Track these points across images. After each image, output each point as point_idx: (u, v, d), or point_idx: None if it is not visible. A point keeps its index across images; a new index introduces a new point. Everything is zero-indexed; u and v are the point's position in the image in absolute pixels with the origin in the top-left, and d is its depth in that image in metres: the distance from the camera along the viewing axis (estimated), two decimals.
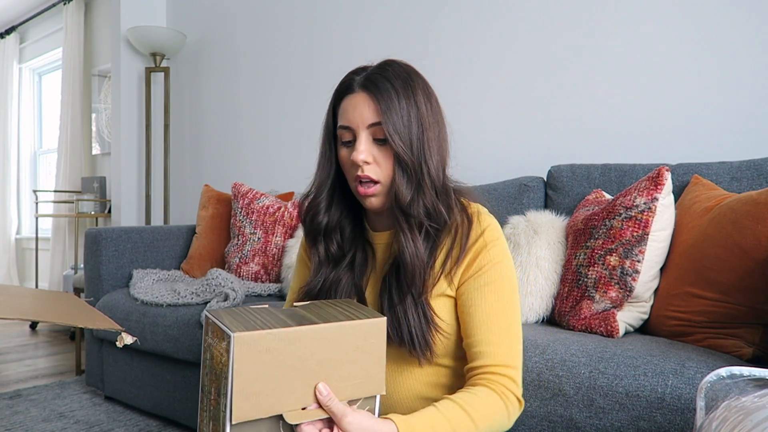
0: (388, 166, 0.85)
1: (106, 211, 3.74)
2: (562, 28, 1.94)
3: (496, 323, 0.84)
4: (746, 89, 1.61)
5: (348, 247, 0.94)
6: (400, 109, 0.83)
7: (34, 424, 1.94)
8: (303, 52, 2.76)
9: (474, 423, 0.77)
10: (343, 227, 0.94)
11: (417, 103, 0.85)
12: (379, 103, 0.83)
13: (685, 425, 0.91)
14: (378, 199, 0.87)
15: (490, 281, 0.86)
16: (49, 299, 0.96)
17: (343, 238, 0.94)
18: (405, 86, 0.85)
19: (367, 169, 0.85)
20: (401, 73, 0.86)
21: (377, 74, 0.86)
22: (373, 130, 0.84)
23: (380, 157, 0.85)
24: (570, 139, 1.92)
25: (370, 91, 0.84)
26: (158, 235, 2.38)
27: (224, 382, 0.64)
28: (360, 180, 0.86)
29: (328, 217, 0.93)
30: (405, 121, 0.83)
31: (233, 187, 2.34)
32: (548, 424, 1.05)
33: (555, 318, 1.40)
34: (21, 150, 5.17)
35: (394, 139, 0.82)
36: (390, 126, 0.82)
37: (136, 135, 3.36)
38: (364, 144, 0.84)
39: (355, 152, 0.84)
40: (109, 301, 2.08)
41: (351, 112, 0.85)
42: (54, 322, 0.76)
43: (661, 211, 1.26)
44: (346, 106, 0.86)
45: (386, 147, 0.85)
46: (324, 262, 0.94)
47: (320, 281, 0.92)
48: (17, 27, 5.11)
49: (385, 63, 0.89)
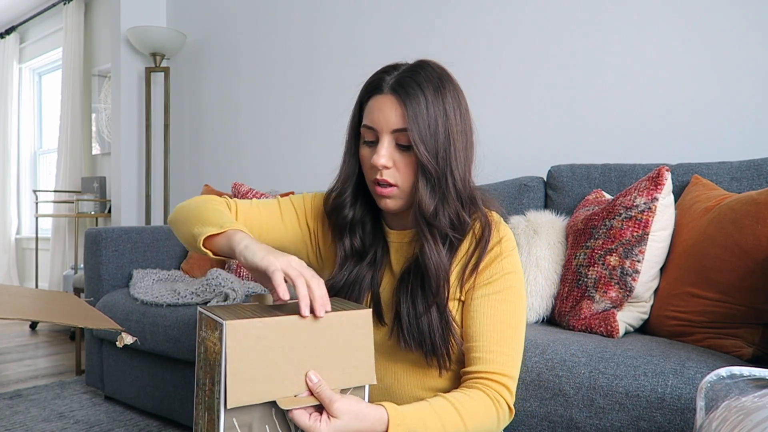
0: (408, 173, 0.84)
1: (106, 211, 3.74)
2: (562, 28, 1.94)
3: (500, 332, 0.84)
4: (746, 89, 1.61)
5: (369, 242, 0.94)
6: (428, 117, 0.81)
7: (34, 424, 1.94)
8: (303, 52, 2.76)
9: (463, 422, 0.77)
10: (364, 222, 0.95)
11: (446, 111, 0.83)
12: (406, 109, 0.81)
13: (685, 425, 0.91)
14: (394, 202, 0.87)
15: (500, 290, 0.86)
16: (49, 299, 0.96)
17: (364, 233, 0.95)
18: (436, 92, 0.82)
19: (386, 173, 0.84)
20: (433, 78, 0.84)
21: (408, 77, 0.83)
22: (397, 135, 0.83)
23: (401, 163, 0.84)
24: (570, 139, 1.92)
25: (399, 95, 0.82)
26: (158, 235, 2.38)
27: (218, 369, 0.67)
28: (378, 182, 0.85)
29: (354, 212, 0.93)
30: (432, 129, 0.81)
31: (233, 187, 2.34)
32: (548, 424, 1.05)
33: (555, 318, 1.40)
34: (21, 150, 5.17)
35: (419, 147, 0.80)
36: (416, 134, 0.80)
37: (136, 135, 3.36)
38: (385, 148, 0.83)
39: (376, 155, 0.83)
40: (109, 301, 2.08)
41: (377, 114, 0.83)
42: (54, 322, 0.76)
43: (661, 211, 1.26)
44: (372, 106, 0.85)
45: (409, 153, 0.83)
46: (349, 257, 0.94)
47: (345, 276, 0.93)
48: (17, 27, 5.11)
49: (418, 65, 0.86)
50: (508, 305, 0.86)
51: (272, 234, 0.98)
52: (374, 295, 0.92)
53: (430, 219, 0.83)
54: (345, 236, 0.94)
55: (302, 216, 1.01)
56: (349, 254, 0.94)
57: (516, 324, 0.86)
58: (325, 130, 2.66)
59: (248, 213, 0.97)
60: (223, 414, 0.66)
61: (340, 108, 2.60)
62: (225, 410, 0.66)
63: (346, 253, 0.94)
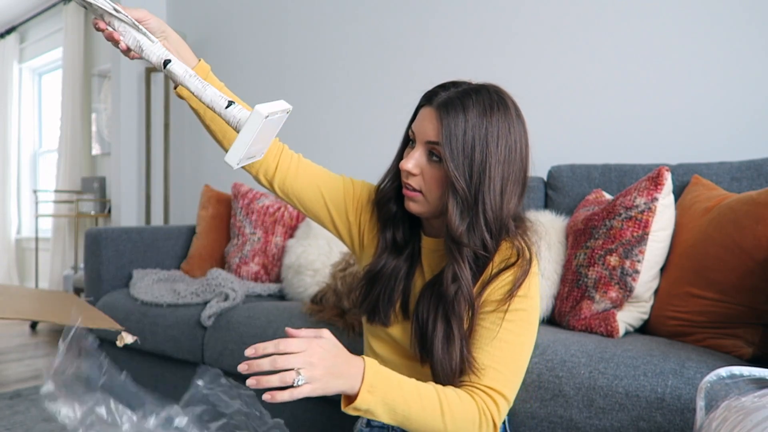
0: (434, 185, 0.86)
1: (106, 211, 3.74)
2: (561, 28, 1.94)
3: (505, 352, 0.84)
4: (746, 89, 1.61)
5: (407, 238, 0.97)
6: (464, 138, 0.82)
7: (34, 424, 1.94)
8: (303, 52, 2.76)
9: (443, 417, 0.78)
10: (404, 220, 0.98)
11: (487, 138, 0.83)
12: (442, 125, 0.83)
13: (685, 425, 0.91)
14: (416, 206, 0.89)
15: (512, 310, 0.85)
16: (49, 299, 0.97)
17: (404, 229, 0.98)
18: (480, 118, 0.83)
19: (411, 179, 0.87)
20: (484, 103, 0.84)
21: (457, 98, 0.84)
22: (430, 146, 0.86)
23: (428, 174, 0.86)
24: (570, 139, 1.92)
25: (440, 111, 0.84)
26: (158, 235, 2.38)
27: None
28: (405, 185, 0.89)
29: (397, 206, 0.96)
30: (466, 152, 0.82)
31: (233, 187, 2.34)
32: (548, 424, 1.05)
33: (555, 318, 1.40)
34: (21, 150, 5.17)
35: (449, 165, 0.82)
36: (447, 151, 0.82)
37: (136, 135, 3.36)
38: (416, 157, 0.87)
39: (405, 160, 0.87)
40: (109, 301, 2.08)
41: (419, 122, 0.88)
42: (54, 322, 0.76)
43: (661, 211, 1.26)
44: (420, 114, 0.89)
45: (439, 167, 0.86)
46: (390, 248, 0.97)
47: (383, 264, 0.96)
48: (17, 27, 5.11)
49: (475, 88, 0.87)
50: (517, 326, 0.85)
51: (327, 193, 1.02)
52: (405, 288, 0.95)
53: (458, 239, 0.84)
54: (388, 228, 0.97)
55: (356, 201, 1.04)
56: (390, 246, 0.97)
57: (523, 349, 0.86)
58: (326, 130, 2.66)
59: (310, 165, 1.05)
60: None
61: (341, 107, 2.60)
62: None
63: (387, 244, 0.97)
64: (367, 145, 2.50)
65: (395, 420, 0.77)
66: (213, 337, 1.66)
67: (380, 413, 0.76)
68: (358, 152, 2.52)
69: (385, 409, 0.75)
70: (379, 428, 0.99)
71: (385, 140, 2.29)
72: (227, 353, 1.61)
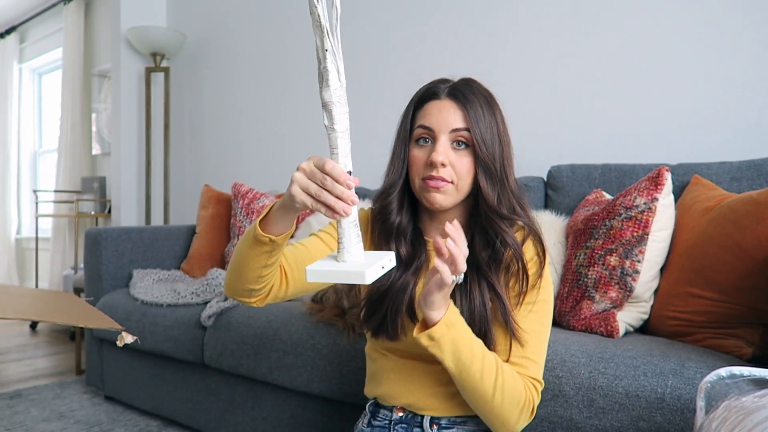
0: (463, 171, 0.89)
1: (106, 211, 3.74)
2: (561, 28, 1.94)
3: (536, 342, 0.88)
4: (746, 89, 1.61)
5: (412, 250, 0.96)
6: (486, 121, 0.89)
7: (34, 424, 1.94)
8: (302, 52, 2.76)
9: (494, 385, 0.80)
10: (407, 230, 0.97)
11: (497, 122, 0.91)
12: (467, 111, 0.88)
13: (685, 425, 0.91)
14: (444, 197, 0.89)
15: (532, 301, 0.89)
16: (49, 299, 0.97)
17: (407, 240, 0.97)
18: (488, 104, 0.91)
19: (442, 170, 0.88)
20: (484, 92, 0.92)
21: (464, 86, 0.91)
22: (454, 135, 0.88)
23: (456, 162, 0.88)
24: (570, 139, 1.92)
25: (458, 99, 0.89)
26: (158, 235, 2.38)
27: None
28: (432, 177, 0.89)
29: (400, 217, 0.96)
30: (489, 134, 0.89)
31: (233, 187, 2.34)
32: (548, 424, 1.05)
33: (555, 318, 1.40)
34: (21, 150, 5.17)
35: (481, 147, 0.87)
36: (478, 134, 0.87)
37: (136, 135, 3.36)
38: (443, 146, 0.88)
39: (435, 153, 0.87)
40: (109, 301, 2.08)
41: (435, 116, 0.89)
42: (54, 322, 0.76)
43: (661, 211, 1.26)
44: (430, 109, 0.90)
45: (464, 152, 0.89)
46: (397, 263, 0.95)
47: (392, 281, 0.94)
48: (17, 27, 5.11)
49: (468, 79, 0.94)
50: (539, 316, 0.89)
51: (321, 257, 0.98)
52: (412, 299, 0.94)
53: (496, 209, 0.88)
54: (391, 243, 0.96)
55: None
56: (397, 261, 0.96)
57: (544, 338, 0.90)
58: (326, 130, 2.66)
59: (293, 252, 0.96)
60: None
61: None
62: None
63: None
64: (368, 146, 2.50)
65: (455, 365, 0.80)
66: (213, 337, 1.66)
67: (447, 351, 0.79)
68: (357, 152, 2.52)
69: (452, 349, 0.79)
70: (379, 428, 0.98)
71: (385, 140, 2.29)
72: (227, 353, 1.61)
